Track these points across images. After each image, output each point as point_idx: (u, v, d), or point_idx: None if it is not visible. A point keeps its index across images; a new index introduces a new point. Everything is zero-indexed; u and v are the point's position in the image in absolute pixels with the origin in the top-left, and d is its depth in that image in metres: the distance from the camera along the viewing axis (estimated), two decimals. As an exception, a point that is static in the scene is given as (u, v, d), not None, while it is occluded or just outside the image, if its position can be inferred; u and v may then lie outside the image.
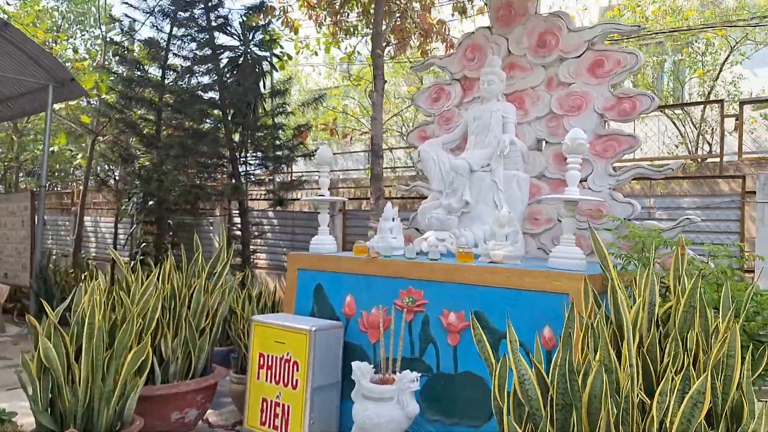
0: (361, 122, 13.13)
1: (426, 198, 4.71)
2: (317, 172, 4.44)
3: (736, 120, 6.96)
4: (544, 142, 4.68)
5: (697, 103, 9.06)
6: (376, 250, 3.84)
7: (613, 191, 4.35)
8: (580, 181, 4.47)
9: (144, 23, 9.71)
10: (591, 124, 4.41)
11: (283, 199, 8.91)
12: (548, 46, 4.54)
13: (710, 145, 9.97)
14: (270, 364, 3.67)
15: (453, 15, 9.40)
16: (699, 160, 8.40)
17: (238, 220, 11.01)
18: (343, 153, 15.24)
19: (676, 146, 9.83)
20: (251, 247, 9.07)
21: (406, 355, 3.48)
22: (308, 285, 4.04)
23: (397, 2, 9.22)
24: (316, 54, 11.82)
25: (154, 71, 9.35)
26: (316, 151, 9.57)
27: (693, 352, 2.25)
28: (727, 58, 9.52)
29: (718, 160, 7.60)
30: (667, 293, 2.83)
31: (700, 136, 9.76)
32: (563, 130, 4.53)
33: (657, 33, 9.46)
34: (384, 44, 7.96)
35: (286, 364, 3.58)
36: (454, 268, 3.42)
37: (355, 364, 3.30)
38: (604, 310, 2.63)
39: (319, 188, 4.34)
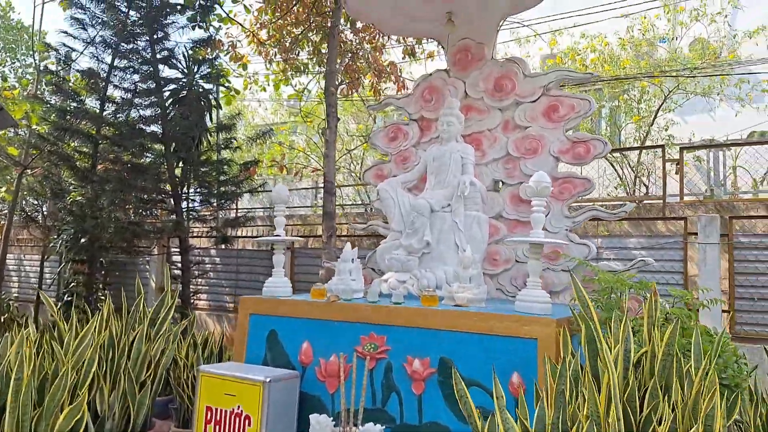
0: (309, 158, 12.99)
1: (382, 237, 4.60)
2: (265, 208, 4.25)
3: (677, 164, 7.29)
4: (500, 183, 4.69)
5: (641, 148, 9.48)
6: (335, 293, 3.66)
7: (570, 232, 4.38)
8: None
9: (82, 53, 9.30)
10: (547, 167, 4.44)
11: (228, 236, 8.58)
12: (504, 91, 4.60)
13: (647, 186, 10.40)
14: (218, 418, 3.38)
15: (403, 57, 9.53)
16: (639, 201, 8.72)
17: (177, 258, 10.53)
18: (290, 189, 14.99)
19: (615, 188, 10.20)
20: (191, 287, 8.64)
21: (368, 405, 3.29)
22: (261, 331, 3.79)
23: (349, 43, 9.28)
24: (264, 90, 11.68)
25: (92, 103, 8.94)
26: (262, 186, 9.44)
27: (673, 400, 2.19)
28: (660, 106, 10.06)
29: (654, 201, 7.94)
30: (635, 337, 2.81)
31: (637, 179, 10.17)
32: (520, 172, 4.57)
33: (596, 80, 9.90)
34: (337, 82, 7.93)
35: (237, 419, 3.31)
36: (419, 312, 3.29)
37: (313, 418, 3.08)
38: (579, 359, 2.56)
39: (264, 225, 4.14)
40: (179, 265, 8.91)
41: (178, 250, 10.22)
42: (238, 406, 3.28)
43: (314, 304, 3.65)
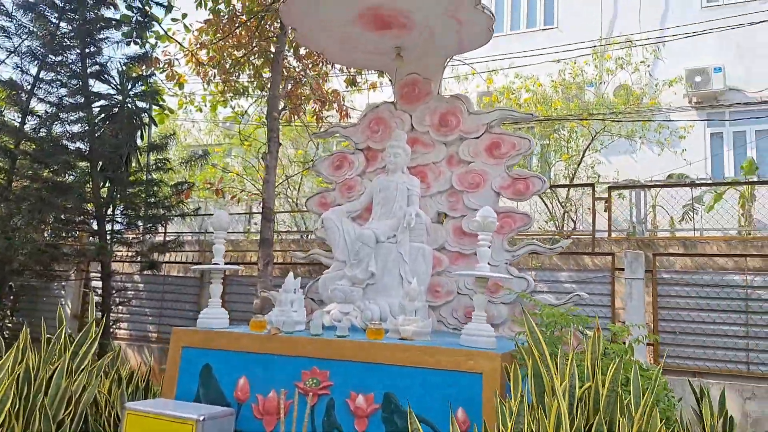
0: (244, 182, 12.69)
1: (321, 266, 4.51)
2: (195, 233, 4.08)
3: (605, 202, 7.66)
4: (444, 216, 4.74)
5: (571, 185, 9.87)
6: (276, 325, 3.53)
7: (509, 266, 4.46)
8: (476, 255, 4.58)
9: (3, 62, 8.76)
10: (489, 201, 4.54)
11: (156, 262, 8.18)
12: (450, 126, 4.69)
13: (574, 222, 10.85)
14: (145, 459, 3.14)
15: (347, 86, 9.57)
16: (568, 236, 9.07)
17: (96, 284, 9.92)
18: (194, 215, 14.54)
19: (546, 222, 10.56)
20: (112, 315, 8.14)
21: (307, 443, 3.16)
22: (194, 365, 3.59)
23: (292, 69, 9.22)
24: (200, 110, 11.38)
25: (11, 116, 8.40)
26: (196, 210, 9.11)
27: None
28: (588, 146, 10.59)
29: (582, 236, 8.29)
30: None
31: (566, 214, 10.59)
32: (463, 205, 4.64)
33: (531, 120, 10.29)
34: (280, 108, 7.84)
35: (166, 459, 3.09)
36: (364, 345, 3.22)
37: (251, 458, 2.92)
38: (525, 395, 2.56)
39: (193, 250, 3.97)
40: (99, 291, 8.41)
41: (98, 275, 9.66)
42: (169, 447, 3.07)
43: (253, 337, 3.50)
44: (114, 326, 8.41)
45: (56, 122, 8.08)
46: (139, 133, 8.72)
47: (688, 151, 11.33)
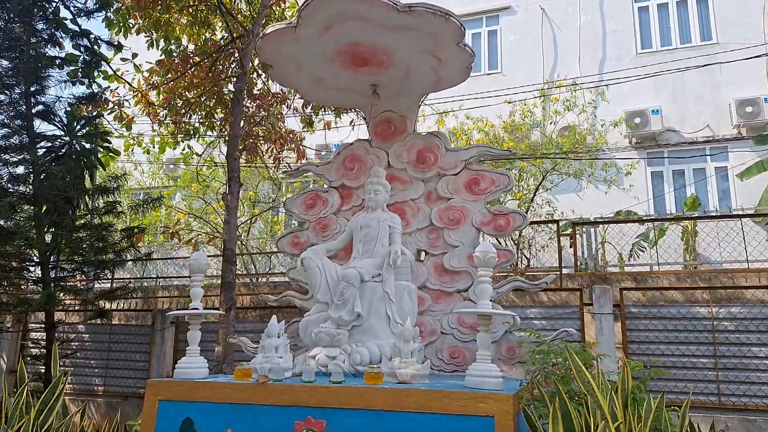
0: (200, 224, 12.25)
1: (290, 308, 4.31)
2: (144, 278, 3.83)
3: (570, 238, 7.81)
4: (423, 253, 4.67)
5: (536, 222, 10.03)
6: (263, 373, 3.30)
7: (494, 303, 4.40)
8: (459, 292, 4.52)
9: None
10: (470, 238, 4.52)
11: (105, 310, 7.66)
12: (428, 163, 4.67)
13: (528, 259, 11.01)
14: None
15: (303, 127, 9.50)
16: (522, 273, 9.16)
17: (36, 335, 9.20)
18: (167, 258, 13.97)
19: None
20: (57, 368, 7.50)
21: (304, 501, 2.92)
22: (173, 420, 3.28)
23: (246, 109, 9.08)
24: (148, 152, 11.00)
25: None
26: (149, 255, 8.67)
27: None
28: (539, 185, 10.88)
29: (536, 272, 8.42)
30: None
31: (520, 251, 10.75)
32: (443, 242, 4.59)
33: (508, 156, 10.44)
34: (240, 147, 7.64)
35: None
36: (363, 391, 3.05)
37: None
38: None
39: (137, 297, 3.72)
40: (41, 342, 7.76)
41: (38, 325, 8.97)
42: None
43: (239, 387, 3.25)
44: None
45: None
46: (87, 175, 8.31)
47: (631, 189, 11.85)
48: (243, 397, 3.20)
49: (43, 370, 7.31)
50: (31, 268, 7.98)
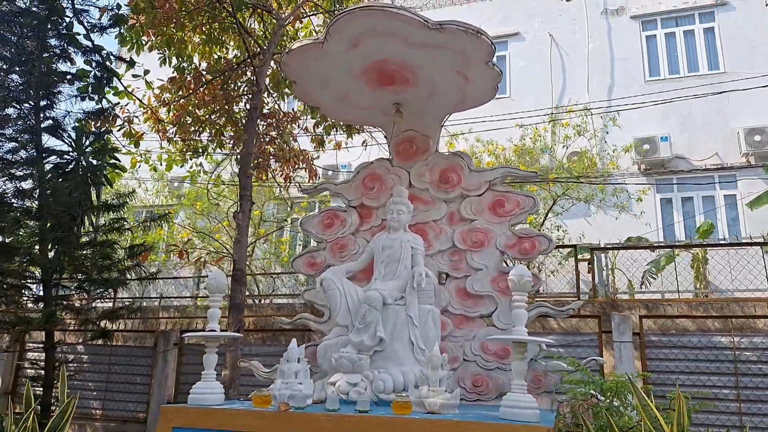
0: (206, 242, 12.08)
1: (290, 332, 4.15)
2: (147, 298, 3.68)
3: (588, 263, 7.67)
4: (445, 276, 4.52)
5: (555, 247, 9.87)
6: (283, 400, 3.13)
7: (519, 330, 4.24)
8: (482, 317, 4.37)
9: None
10: (494, 261, 4.39)
11: (108, 331, 7.47)
12: (451, 183, 4.56)
13: (540, 282, 10.83)
14: None
15: (316, 147, 9.42)
16: (532, 298, 9.01)
17: (33, 355, 8.98)
18: (168, 277, 13.77)
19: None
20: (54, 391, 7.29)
21: None
22: (188, 448, 3.11)
23: (258, 126, 9.00)
24: (155, 170, 10.92)
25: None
26: (156, 273, 8.50)
27: None
28: (550, 209, 10.78)
29: (546, 298, 8.25)
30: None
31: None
32: (466, 265, 4.45)
33: (533, 178, 10.35)
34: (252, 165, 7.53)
35: None
36: (393, 422, 2.88)
37: None
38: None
39: (138, 318, 3.56)
40: (39, 363, 7.55)
41: (37, 345, 8.76)
42: None
43: (258, 414, 3.08)
44: (55, 403, 7.52)
45: (4, 177, 7.47)
46: (94, 191, 8.21)
47: (642, 215, 11.75)
48: (262, 426, 3.03)
49: (40, 392, 7.09)
50: (32, 286, 7.82)
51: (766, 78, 12.00)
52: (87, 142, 8.35)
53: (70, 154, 8.13)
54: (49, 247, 7.47)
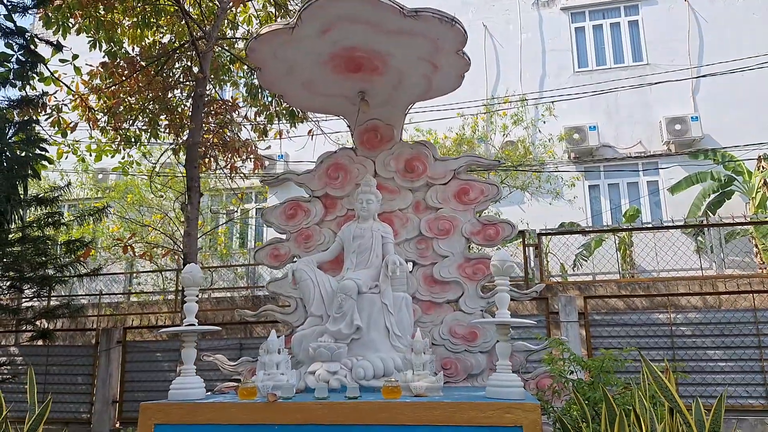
0: (141, 236, 11.58)
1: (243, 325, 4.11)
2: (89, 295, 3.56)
3: (536, 248, 7.99)
4: (412, 264, 4.60)
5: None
6: (272, 391, 3.11)
7: (485, 313, 4.40)
8: (449, 303, 4.49)
9: None
10: (459, 248, 4.51)
11: (49, 331, 7.07)
12: (416, 172, 4.63)
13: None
14: None
15: (259, 137, 9.22)
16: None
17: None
18: (101, 273, 13.12)
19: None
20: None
21: None
22: (172, 446, 3.04)
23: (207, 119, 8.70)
24: (83, 161, 10.34)
25: None
26: (97, 270, 8.09)
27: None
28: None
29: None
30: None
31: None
32: (432, 252, 4.55)
33: (495, 166, 10.58)
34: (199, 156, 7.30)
35: None
36: (384, 406, 2.93)
37: None
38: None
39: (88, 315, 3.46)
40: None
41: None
42: None
43: (246, 407, 3.05)
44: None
45: None
46: (21, 185, 7.67)
47: (572, 201, 12.35)
48: (252, 418, 3.00)
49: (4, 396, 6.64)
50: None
51: (685, 70, 12.88)
52: (10, 133, 7.77)
53: (-5, 145, 7.56)
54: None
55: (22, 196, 7.50)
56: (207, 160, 8.31)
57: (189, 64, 8.85)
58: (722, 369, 6.29)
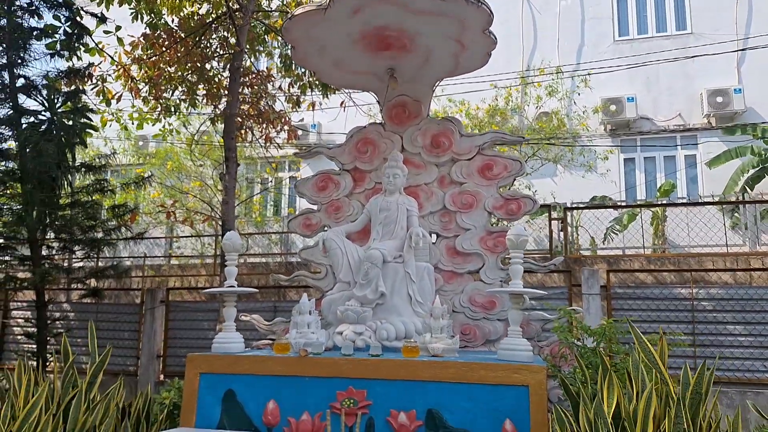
0: (181, 203, 12.08)
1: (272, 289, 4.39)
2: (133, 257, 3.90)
3: (561, 222, 8.13)
4: (436, 235, 4.84)
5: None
6: (303, 347, 3.44)
7: (504, 284, 4.62)
8: (470, 273, 4.72)
9: None
10: (482, 221, 4.72)
11: (99, 289, 7.61)
12: (442, 147, 4.82)
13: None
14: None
15: (292, 108, 9.47)
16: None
17: (18, 313, 9.09)
18: (144, 237, 13.78)
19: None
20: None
21: (347, 466, 3.10)
22: (215, 391, 3.40)
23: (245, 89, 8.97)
24: (126, 128, 10.79)
25: None
26: (142, 234, 8.59)
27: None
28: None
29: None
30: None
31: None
32: (455, 225, 4.77)
33: (519, 142, 10.61)
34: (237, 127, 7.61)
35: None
36: (403, 364, 3.23)
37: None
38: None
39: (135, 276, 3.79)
40: (32, 321, 7.65)
41: (21, 303, 8.84)
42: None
43: (280, 360, 3.39)
44: (51, 359, 7.70)
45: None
46: (70, 152, 8.14)
47: (607, 174, 12.26)
48: (285, 370, 3.34)
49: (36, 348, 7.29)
50: (16, 247, 7.85)
51: (730, 39, 12.43)
52: (59, 103, 8.21)
53: (44, 114, 8.01)
54: (33, 208, 7.48)
55: (70, 163, 7.97)
56: (243, 131, 8.62)
57: (226, 34, 9.11)
58: (741, 343, 6.39)
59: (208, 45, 9.29)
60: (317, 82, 8.95)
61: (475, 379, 3.10)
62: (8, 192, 7.38)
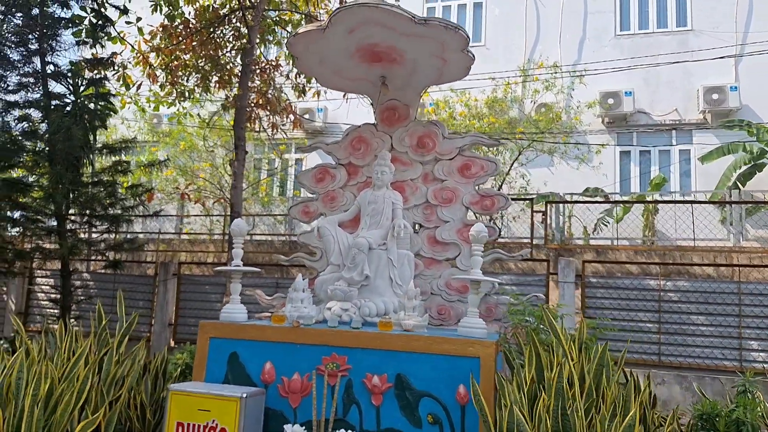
0: (189, 181, 12.76)
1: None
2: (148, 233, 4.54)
3: (542, 215, 8.72)
4: (419, 226, 5.46)
5: (514, 199, 10.82)
6: (297, 319, 4.10)
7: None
8: (448, 260, 5.35)
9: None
10: (460, 215, 5.33)
11: (119, 261, 8.34)
12: (427, 148, 5.42)
13: (499, 230, 11.89)
14: (190, 432, 3.64)
15: (298, 96, 10.05)
16: (493, 243, 10.09)
17: (42, 280, 9.86)
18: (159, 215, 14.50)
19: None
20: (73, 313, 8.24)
21: (329, 415, 3.77)
22: (222, 353, 4.09)
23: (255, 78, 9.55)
24: (143, 111, 11.42)
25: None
26: (158, 212, 9.26)
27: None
28: (515, 160, 11.72)
29: (506, 243, 9.34)
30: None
31: (492, 221, 11.64)
32: (436, 217, 5.39)
33: (496, 144, 11.19)
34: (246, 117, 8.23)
35: (211, 432, 3.60)
36: (378, 336, 3.88)
37: (288, 427, 3.51)
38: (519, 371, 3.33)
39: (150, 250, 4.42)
40: (56, 288, 8.38)
41: (46, 272, 9.57)
42: (213, 421, 3.58)
43: (277, 329, 4.06)
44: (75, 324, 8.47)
45: (15, 120, 8.05)
46: (92, 134, 8.79)
47: (600, 167, 12.73)
48: (280, 337, 4.01)
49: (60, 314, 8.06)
50: (44, 220, 8.57)
51: (729, 37, 12.70)
52: (83, 88, 8.83)
53: (68, 97, 8.64)
54: (60, 185, 8.17)
55: (92, 145, 8.64)
56: (251, 121, 9.24)
57: (239, 25, 9.69)
58: (702, 333, 7.01)
59: (222, 35, 9.86)
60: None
61: (437, 350, 3.75)
62: (39, 171, 8.07)
